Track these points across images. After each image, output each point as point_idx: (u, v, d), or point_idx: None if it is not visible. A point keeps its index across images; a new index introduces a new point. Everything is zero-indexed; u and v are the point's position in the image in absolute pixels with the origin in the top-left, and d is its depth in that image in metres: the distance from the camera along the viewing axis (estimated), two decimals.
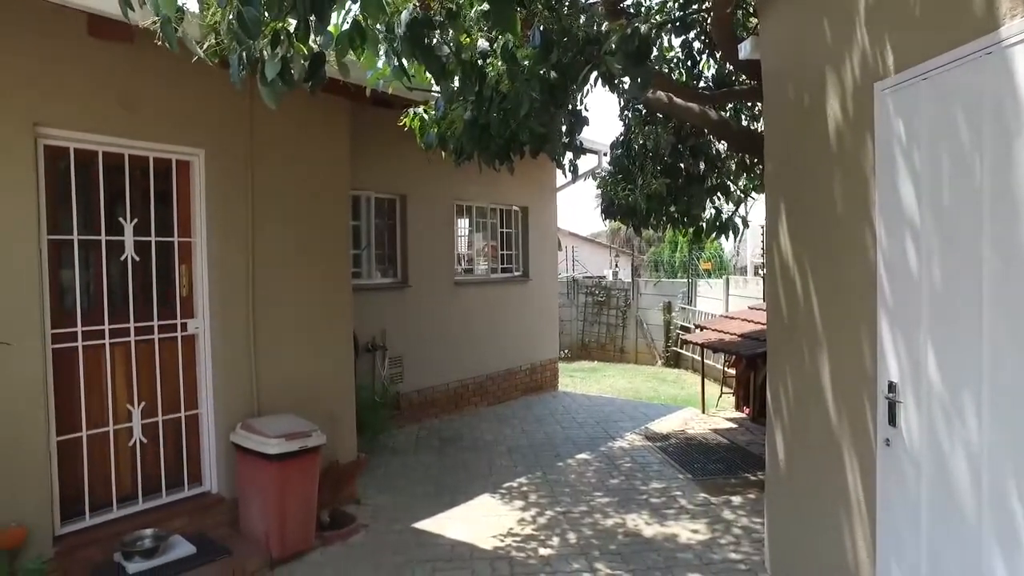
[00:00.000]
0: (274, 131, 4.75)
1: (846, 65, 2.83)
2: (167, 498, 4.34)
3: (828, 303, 3.06)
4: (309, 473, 4.29)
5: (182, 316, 4.41)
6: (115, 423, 4.12)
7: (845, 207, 2.92)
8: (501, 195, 9.12)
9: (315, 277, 5.07)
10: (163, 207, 4.34)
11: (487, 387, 8.84)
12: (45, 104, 3.71)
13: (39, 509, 3.65)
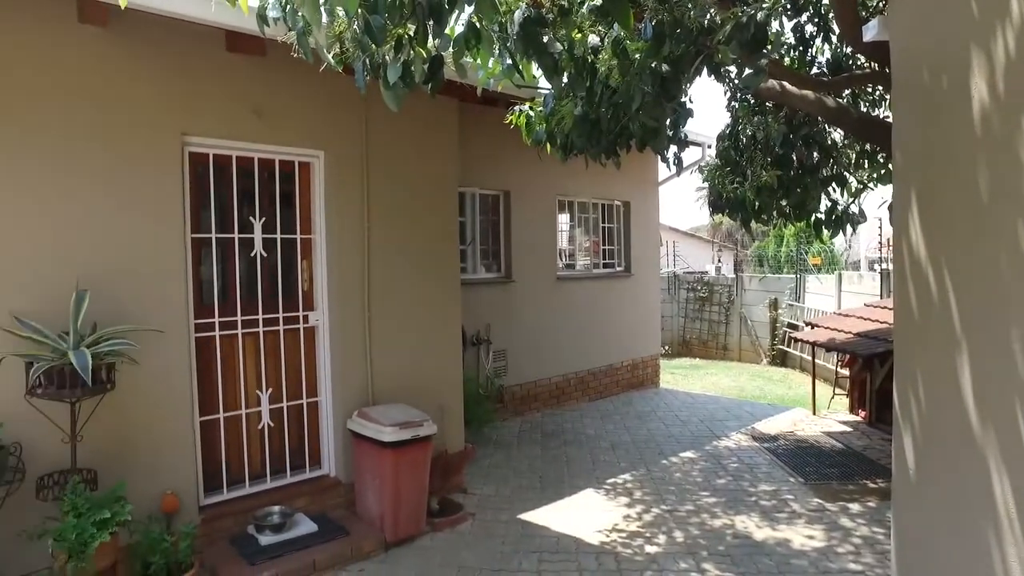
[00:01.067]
0: (387, 132, 4.95)
1: (997, 41, 2.61)
2: (291, 478, 4.65)
3: (968, 301, 2.85)
4: (421, 461, 4.46)
5: (304, 309, 4.69)
6: (247, 407, 4.46)
7: (992, 197, 2.70)
8: (603, 190, 9.06)
9: (426, 272, 5.25)
10: (287, 207, 4.63)
11: (588, 382, 8.83)
12: (190, 115, 4.06)
13: (187, 481, 4.03)
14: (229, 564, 3.94)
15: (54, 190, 3.58)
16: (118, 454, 3.73)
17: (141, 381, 3.75)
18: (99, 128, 3.71)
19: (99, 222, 3.71)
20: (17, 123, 3.47)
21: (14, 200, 3.46)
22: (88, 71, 3.69)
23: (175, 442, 3.99)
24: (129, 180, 3.81)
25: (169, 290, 3.94)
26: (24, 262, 3.49)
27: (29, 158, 3.50)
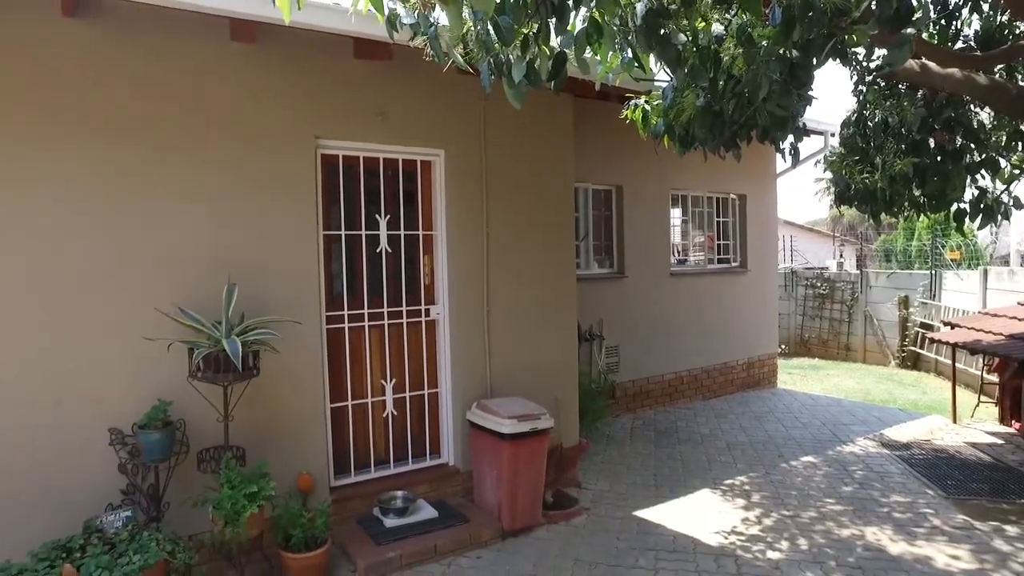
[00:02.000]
0: (504, 130, 5.05)
1: None
2: (412, 465, 4.86)
3: None
4: (538, 454, 4.53)
5: (425, 302, 4.89)
6: (372, 396, 4.71)
7: None
8: (718, 183, 8.78)
9: (543, 267, 5.31)
10: (410, 204, 4.83)
11: (702, 380, 8.60)
12: (322, 120, 4.33)
13: (319, 463, 4.31)
14: (357, 542, 4.18)
15: (207, 195, 3.93)
16: (261, 434, 4.05)
17: (281, 368, 4.05)
18: (246, 136, 4.04)
19: (245, 222, 4.04)
20: (180, 134, 3.84)
21: (178, 205, 3.84)
22: (236, 85, 4.02)
23: (309, 426, 4.28)
24: (270, 183, 4.12)
25: (304, 284, 4.23)
26: (185, 260, 3.86)
27: (188, 165, 3.87)
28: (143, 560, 3.11)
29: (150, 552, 3.17)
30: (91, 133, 3.62)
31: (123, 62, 3.70)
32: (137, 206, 3.74)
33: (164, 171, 3.81)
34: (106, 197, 3.66)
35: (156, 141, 3.78)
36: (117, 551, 3.20)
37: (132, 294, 3.72)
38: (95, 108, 3.63)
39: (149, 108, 3.76)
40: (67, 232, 3.58)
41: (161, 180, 3.80)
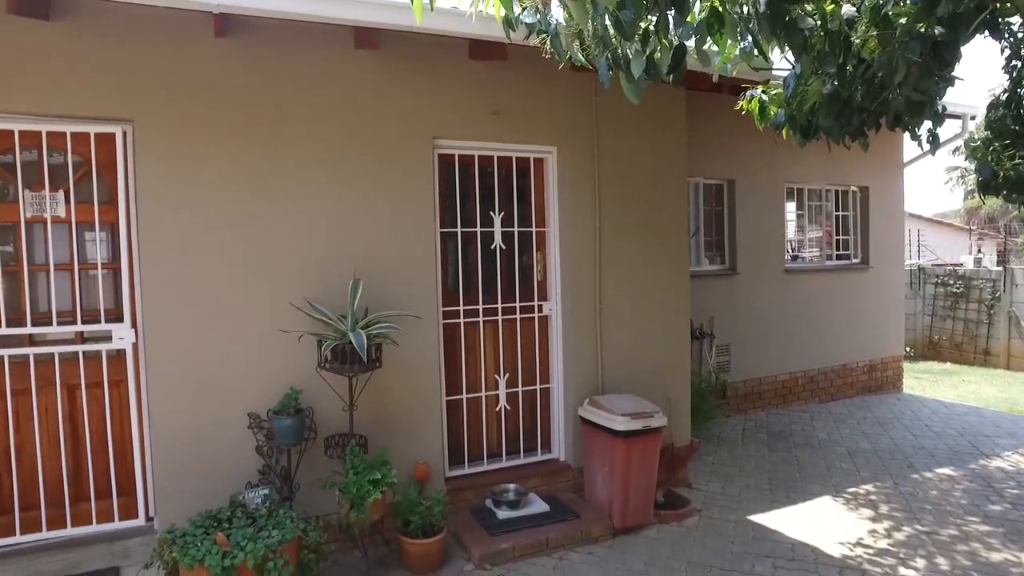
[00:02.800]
0: (617, 125, 5.02)
1: None
2: (524, 459, 4.93)
3: None
4: (651, 452, 4.47)
5: (538, 299, 4.95)
6: (486, 390, 4.82)
7: None
8: (838, 175, 8.30)
9: (656, 264, 5.23)
10: (523, 201, 4.90)
11: (819, 382, 8.17)
12: (439, 120, 4.47)
13: (435, 454, 4.46)
14: (471, 531, 4.29)
15: (333, 195, 4.16)
16: (382, 424, 4.24)
17: (400, 361, 4.22)
18: (368, 140, 4.24)
19: (367, 221, 4.25)
20: (307, 138, 4.09)
21: (306, 206, 4.09)
22: (359, 90, 4.23)
23: (426, 418, 4.44)
24: (391, 184, 4.30)
25: (422, 280, 4.39)
26: (312, 257, 4.11)
27: (314, 168, 4.11)
28: (281, 535, 3.34)
29: (286, 528, 3.40)
30: (228, 137, 3.92)
31: (257, 75, 3.98)
32: (267, 206, 4.02)
33: (292, 174, 4.07)
34: (237, 198, 3.96)
35: (283, 145, 4.04)
36: (258, 525, 3.46)
37: (267, 288, 4.01)
38: (232, 114, 3.93)
39: (278, 114, 4.03)
40: (212, 232, 3.90)
41: (289, 182, 4.06)
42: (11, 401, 3.70)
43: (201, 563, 3.17)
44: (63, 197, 3.78)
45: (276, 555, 3.28)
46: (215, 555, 3.16)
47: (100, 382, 3.84)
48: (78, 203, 3.80)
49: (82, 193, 3.82)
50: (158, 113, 3.77)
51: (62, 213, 3.78)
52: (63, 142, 3.73)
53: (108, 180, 3.83)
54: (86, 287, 3.86)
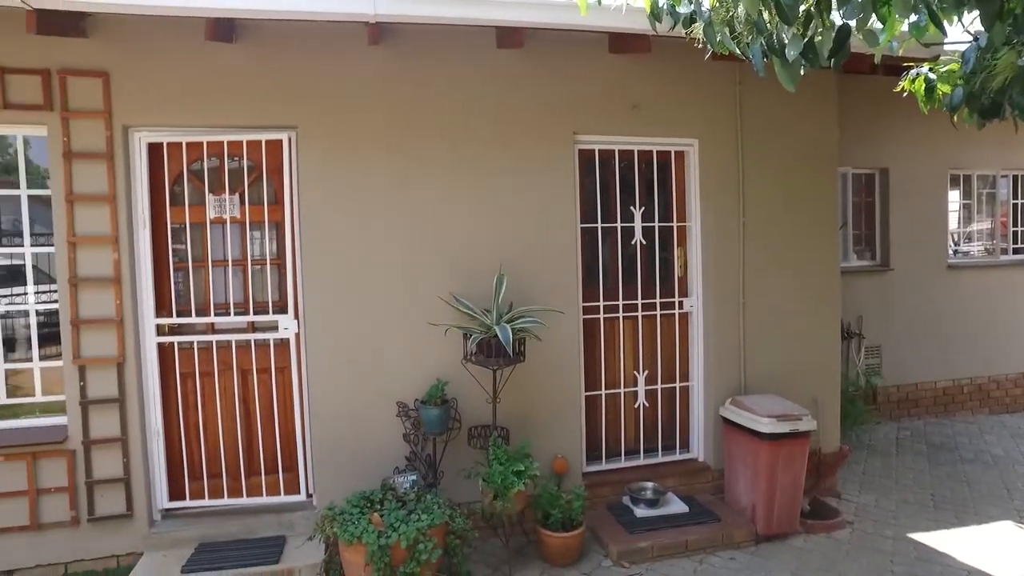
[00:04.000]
0: (761, 115, 4.79)
1: None
2: (661, 458, 4.85)
3: None
4: (798, 457, 4.25)
5: (679, 295, 4.83)
6: (624, 387, 4.78)
7: None
8: (1016, 158, 7.43)
9: (803, 259, 4.95)
10: (663, 195, 4.79)
11: (990, 391, 7.38)
12: (578, 116, 4.46)
13: (573, 448, 4.49)
14: (609, 527, 4.27)
15: (476, 192, 4.28)
16: (522, 417, 4.33)
17: (541, 355, 4.28)
18: (511, 137, 4.32)
19: (510, 217, 4.33)
20: (451, 136, 4.24)
21: (451, 204, 4.24)
22: (501, 88, 4.31)
23: (565, 412, 4.47)
24: (533, 180, 4.36)
25: (563, 275, 4.42)
26: (456, 252, 4.25)
27: (459, 167, 4.25)
28: (430, 520, 3.50)
29: (435, 514, 3.55)
30: (380, 139, 4.14)
31: (406, 79, 4.17)
32: (416, 204, 4.20)
33: (439, 172, 4.22)
34: (388, 197, 4.16)
35: (430, 144, 4.20)
36: (407, 508, 3.64)
37: (415, 283, 4.20)
38: (384, 117, 4.14)
39: (425, 115, 4.20)
40: (365, 229, 4.14)
41: (436, 180, 4.22)
42: (199, 382, 4.15)
43: (359, 540, 3.38)
44: (238, 199, 4.16)
45: (426, 538, 3.43)
46: (372, 533, 3.37)
47: (268, 368, 4.21)
48: (250, 204, 4.17)
49: (253, 195, 4.19)
50: (318, 119, 4.05)
51: (237, 214, 4.16)
52: (240, 150, 4.11)
53: (276, 183, 4.18)
54: (256, 281, 4.23)
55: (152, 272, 4.02)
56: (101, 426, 3.93)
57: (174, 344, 4.10)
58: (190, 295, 4.13)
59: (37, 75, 3.78)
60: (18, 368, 4.09)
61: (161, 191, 4.06)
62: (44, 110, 3.79)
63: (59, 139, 3.81)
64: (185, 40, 3.87)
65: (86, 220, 3.87)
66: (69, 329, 3.86)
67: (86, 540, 3.95)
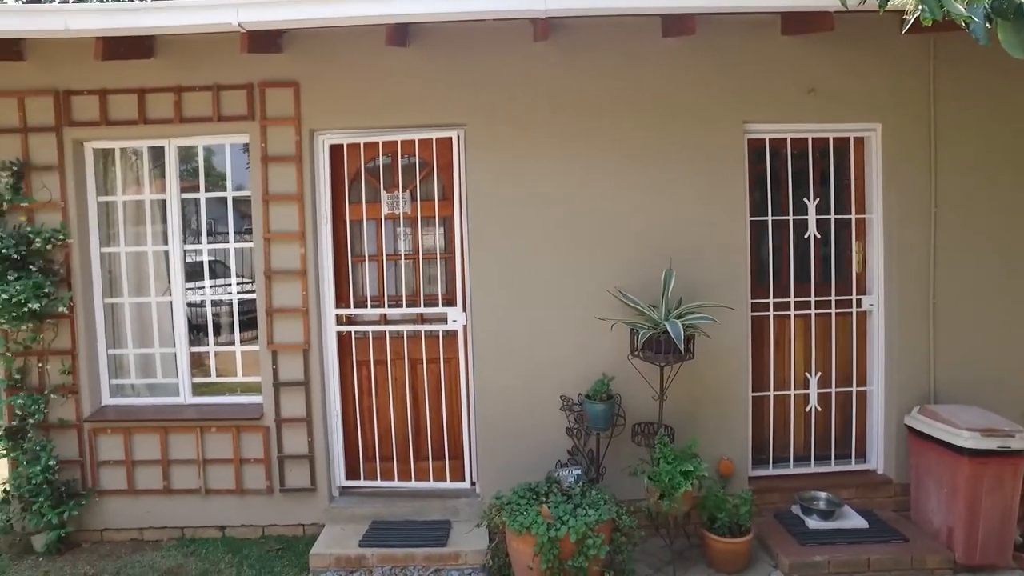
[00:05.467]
0: (959, 93, 4.29)
1: None
2: (834, 467, 4.51)
3: None
4: (1008, 478, 3.76)
5: (856, 292, 4.46)
6: (794, 388, 4.50)
7: None
8: None
9: (1010, 253, 4.38)
10: (840, 185, 4.45)
11: None
12: (747, 104, 4.24)
13: (739, 451, 4.30)
14: (778, 537, 4.04)
15: (641, 183, 4.20)
16: (687, 415, 4.20)
17: (708, 353, 4.12)
18: (676, 127, 4.20)
19: (675, 209, 4.22)
20: (618, 132, 4.18)
21: (616, 198, 4.19)
22: (667, 79, 4.20)
23: (731, 412, 4.29)
24: (699, 172, 4.21)
25: (731, 270, 4.23)
26: (620, 245, 4.20)
27: (624, 160, 4.19)
28: (597, 515, 3.48)
29: (602, 509, 3.53)
30: (545, 134, 4.18)
31: (572, 73, 4.17)
32: (581, 199, 4.19)
33: (603, 167, 4.19)
34: (554, 193, 4.19)
35: (595, 139, 4.18)
36: (573, 502, 3.65)
37: (579, 278, 4.20)
38: (549, 113, 4.17)
39: (591, 109, 4.18)
40: (531, 224, 4.20)
41: (601, 175, 4.19)
42: (372, 370, 4.41)
43: (528, 530, 3.43)
44: (409, 196, 4.37)
45: (594, 533, 3.42)
46: (541, 525, 3.41)
47: (436, 358, 4.39)
48: (421, 200, 4.37)
49: (424, 192, 4.39)
50: (485, 117, 4.17)
51: (409, 210, 4.38)
52: (412, 148, 4.32)
53: (445, 179, 4.34)
54: (427, 274, 4.42)
55: (332, 265, 4.32)
56: (290, 406, 4.29)
57: (351, 333, 4.39)
58: (365, 287, 4.40)
59: (242, 89, 4.19)
60: (220, 351, 4.57)
61: (340, 189, 4.36)
62: (247, 120, 4.19)
63: (258, 145, 4.20)
64: (363, 48, 4.13)
65: (278, 218, 4.23)
66: (265, 317, 4.25)
67: (278, 507, 4.35)
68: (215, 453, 4.33)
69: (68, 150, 4.29)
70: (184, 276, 4.47)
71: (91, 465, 4.38)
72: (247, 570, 3.98)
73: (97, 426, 4.37)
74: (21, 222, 4.26)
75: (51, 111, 4.26)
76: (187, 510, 4.39)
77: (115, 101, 4.27)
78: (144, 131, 4.29)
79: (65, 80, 4.25)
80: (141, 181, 4.52)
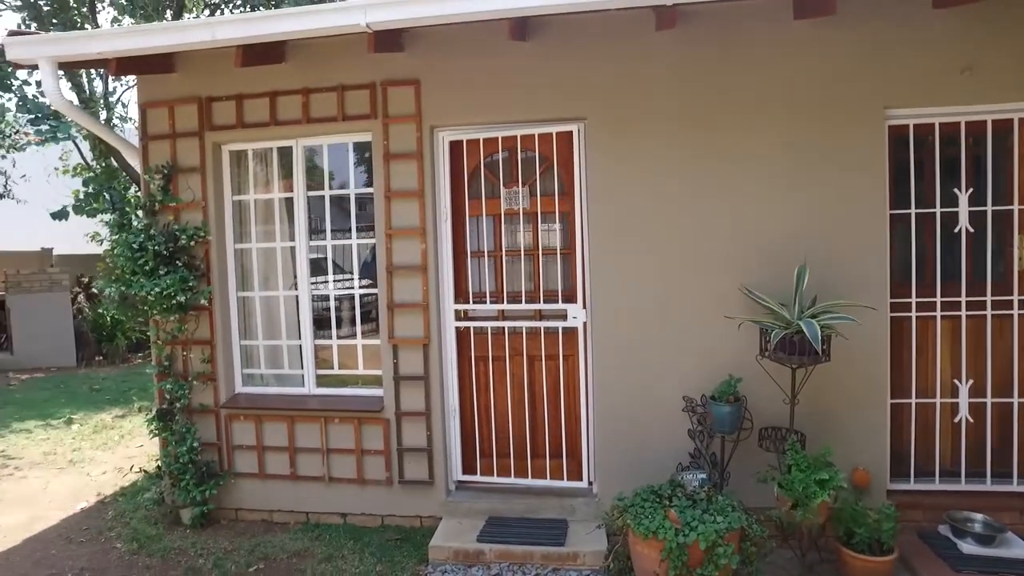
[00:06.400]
0: None
1: None
2: (991, 486, 4.09)
3: None
4: None
5: (1018, 292, 4.03)
6: (940, 396, 4.12)
7: None
8: None
9: None
10: (998, 173, 4.03)
11: None
12: (889, 86, 3.91)
13: (876, 461, 4.00)
14: (925, 559, 3.70)
15: (771, 174, 3.98)
16: (820, 421, 3.94)
17: (843, 355, 3.84)
18: (809, 116, 3.94)
19: (807, 202, 3.96)
20: (745, 123, 3.98)
21: (742, 192, 4.00)
22: (799, 65, 3.95)
23: (868, 419, 3.99)
24: (835, 161, 3.93)
25: (869, 268, 3.93)
26: (749, 242, 4.00)
27: (749, 153, 3.98)
28: (727, 523, 3.32)
29: (731, 517, 3.37)
30: (666, 127, 4.04)
31: (696, 62, 4.01)
32: (704, 194, 4.02)
33: (728, 160, 4.00)
34: (674, 187, 4.04)
35: (720, 131, 4.00)
36: (699, 508, 3.50)
37: (702, 274, 4.04)
38: (670, 104, 4.02)
39: (716, 100, 4.00)
40: (651, 219, 4.08)
41: (725, 168, 4.00)
42: (490, 366, 4.43)
43: (655, 535, 3.32)
44: (528, 191, 4.35)
45: (724, 541, 3.26)
46: (669, 530, 3.28)
47: (554, 355, 4.35)
48: (541, 196, 4.34)
49: (543, 187, 4.35)
50: (606, 109, 4.08)
51: (527, 205, 4.35)
52: (531, 143, 4.30)
53: (564, 174, 4.29)
54: (546, 271, 4.39)
55: (451, 261, 4.37)
56: (409, 400, 4.38)
57: (469, 329, 4.43)
58: (484, 283, 4.42)
59: (365, 89, 4.31)
60: (341, 344, 4.72)
61: (459, 185, 4.40)
62: (371, 119, 4.31)
63: (381, 143, 4.31)
64: (481, 44, 4.14)
65: (399, 214, 4.32)
66: (386, 312, 4.35)
67: (397, 498, 4.45)
68: (338, 443, 4.49)
69: (208, 153, 4.58)
70: (309, 271, 4.66)
71: (227, 448, 4.66)
72: (369, 557, 4.08)
73: (231, 412, 4.63)
74: (169, 221, 4.58)
75: (195, 117, 4.56)
76: (311, 496, 4.57)
77: (249, 105, 4.51)
78: (275, 132, 4.51)
79: (207, 88, 4.54)
80: (271, 180, 4.74)
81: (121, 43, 4.04)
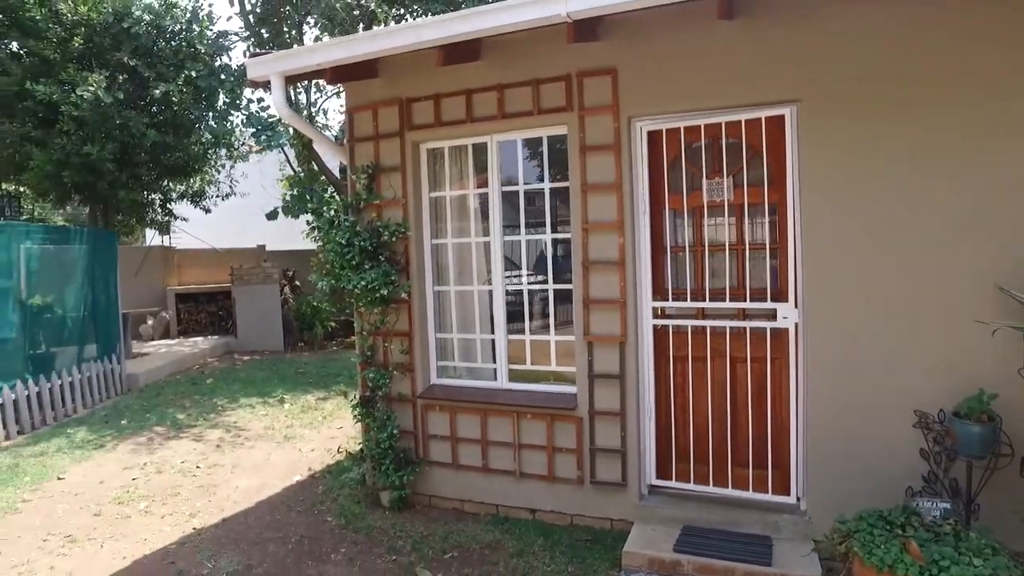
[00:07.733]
0: None
1: None
2: None
3: None
4: None
5: None
6: None
7: None
8: None
9: None
10: None
11: None
12: None
13: None
14: None
15: None
16: None
17: None
18: None
19: None
20: (986, 97, 3.36)
21: (987, 176, 3.38)
22: (979, 53, 3.26)
23: None
24: None
25: None
26: (1002, 238, 3.38)
27: (995, 135, 3.34)
28: (990, 568, 2.81)
29: (994, 562, 2.85)
30: (894, 111, 3.51)
31: (941, 34, 3.44)
32: (945, 177, 3.46)
33: (969, 146, 3.39)
34: (902, 178, 3.51)
35: (953, 105, 3.39)
36: (944, 543, 3.02)
37: (938, 274, 3.49)
38: (905, 82, 3.50)
39: (944, 73, 3.41)
40: (875, 212, 3.59)
41: (965, 156, 3.40)
42: (689, 366, 4.19)
43: (891, 569, 2.91)
44: (732, 182, 4.04)
45: None
46: (912, 566, 2.86)
47: (760, 357, 4.00)
48: (747, 186, 4.01)
49: (750, 177, 4.01)
50: (824, 90, 3.64)
51: (732, 196, 4.04)
52: (737, 130, 3.97)
53: (774, 162, 3.91)
54: (752, 267, 4.05)
55: (649, 256, 4.18)
56: (603, 399, 4.26)
57: (668, 327, 4.21)
58: (684, 280, 4.18)
59: (560, 81, 4.24)
60: (533, 340, 4.72)
61: (658, 177, 4.19)
62: (566, 111, 4.24)
63: (576, 135, 4.22)
64: (681, 27, 3.90)
65: (596, 208, 4.21)
66: (581, 308, 4.26)
67: (587, 499, 4.35)
68: (529, 439, 4.49)
69: (408, 151, 4.77)
70: (503, 266, 4.70)
71: (422, 437, 4.85)
72: (559, 556, 4.03)
73: (427, 403, 4.81)
74: (373, 218, 4.85)
75: (396, 118, 4.77)
76: (501, 489, 4.62)
77: (446, 104, 4.62)
78: (470, 129, 4.59)
79: (407, 89, 4.73)
80: (465, 176, 4.85)
81: (337, 53, 4.32)
